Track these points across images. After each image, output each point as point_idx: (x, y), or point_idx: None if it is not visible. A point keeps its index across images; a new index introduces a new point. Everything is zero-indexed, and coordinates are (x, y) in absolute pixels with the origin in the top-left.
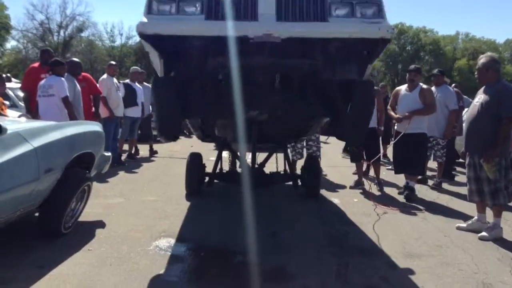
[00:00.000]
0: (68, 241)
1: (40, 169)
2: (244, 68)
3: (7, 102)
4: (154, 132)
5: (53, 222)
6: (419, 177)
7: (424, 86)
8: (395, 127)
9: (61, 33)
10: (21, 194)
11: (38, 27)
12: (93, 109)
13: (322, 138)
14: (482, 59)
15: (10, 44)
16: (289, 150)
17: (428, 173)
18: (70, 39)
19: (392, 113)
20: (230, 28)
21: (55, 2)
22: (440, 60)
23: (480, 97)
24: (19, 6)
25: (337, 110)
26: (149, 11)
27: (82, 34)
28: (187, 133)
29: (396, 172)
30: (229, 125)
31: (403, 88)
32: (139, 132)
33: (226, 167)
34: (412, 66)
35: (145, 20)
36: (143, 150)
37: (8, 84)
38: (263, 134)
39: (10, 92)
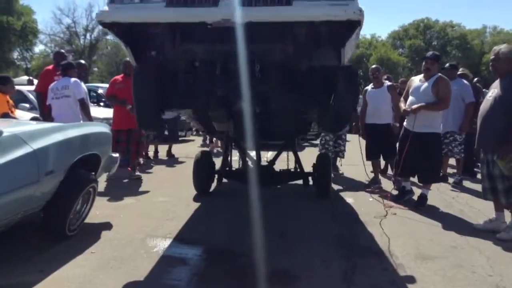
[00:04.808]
0: (72, 244)
1: (40, 171)
2: (217, 55)
3: (26, 105)
4: (181, 132)
5: (57, 224)
6: None
7: (443, 76)
8: (404, 123)
9: (87, 36)
10: (21, 196)
11: (65, 30)
12: None
13: None
14: (503, 49)
15: (39, 48)
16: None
17: (449, 170)
18: (96, 42)
19: (402, 105)
20: (187, 14)
21: (81, 6)
22: (468, 55)
23: (494, 91)
24: (47, 11)
25: (321, 100)
26: (111, 0)
27: (108, 37)
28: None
29: (397, 174)
30: (224, 118)
31: (417, 77)
32: (166, 133)
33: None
34: (430, 53)
35: (106, 8)
36: (162, 151)
37: (30, 87)
38: (261, 128)
39: (30, 96)
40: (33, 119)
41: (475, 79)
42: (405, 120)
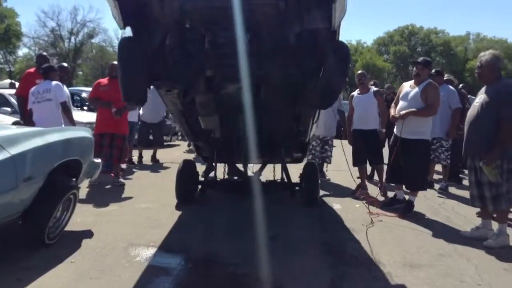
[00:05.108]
0: (51, 252)
1: (18, 177)
2: (204, 9)
3: (8, 109)
4: (167, 137)
5: (36, 232)
6: None
7: (433, 82)
8: (394, 129)
9: (72, 39)
10: None
11: (49, 34)
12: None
13: None
14: (485, 56)
15: (22, 51)
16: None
17: (435, 176)
18: (81, 45)
19: (391, 110)
20: None
21: (66, 9)
22: (452, 61)
23: (481, 97)
24: (31, 13)
25: (311, 73)
26: None
27: (93, 40)
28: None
29: (388, 181)
30: (210, 106)
31: (408, 83)
32: (151, 137)
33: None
34: (420, 58)
35: None
36: (147, 155)
37: (12, 91)
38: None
39: (12, 99)
40: (15, 123)
41: (461, 85)
42: (395, 126)
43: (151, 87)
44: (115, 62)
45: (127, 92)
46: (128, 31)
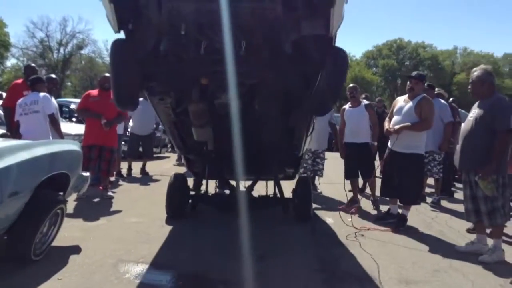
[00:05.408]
0: (37, 269)
1: (3, 192)
2: (199, 13)
3: None
4: (156, 149)
5: (22, 248)
6: None
7: (427, 97)
8: (388, 143)
9: (61, 50)
10: None
11: (38, 44)
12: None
13: None
14: (476, 72)
15: (10, 62)
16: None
17: (427, 190)
18: (70, 56)
19: (386, 124)
20: None
21: (55, 20)
22: (439, 75)
23: (475, 111)
24: (19, 24)
25: (308, 80)
26: None
27: (82, 52)
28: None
29: (381, 195)
30: (203, 116)
31: (402, 98)
32: (141, 149)
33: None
34: (414, 73)
35: None
36: (136, 168)
37: None
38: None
39: None
40: (1, 135)
41: (451, 99)
42: (389, 139)
43: (141, 98)
44: (107, 74)
45: (118, 94)
46: (121, 35)
